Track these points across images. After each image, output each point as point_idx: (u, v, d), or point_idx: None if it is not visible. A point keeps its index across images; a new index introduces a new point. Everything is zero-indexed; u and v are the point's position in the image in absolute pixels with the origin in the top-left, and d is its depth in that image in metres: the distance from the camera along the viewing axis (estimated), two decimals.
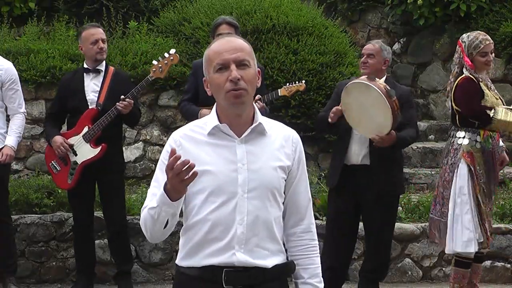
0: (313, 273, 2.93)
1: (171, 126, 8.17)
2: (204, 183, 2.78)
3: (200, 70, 6.19)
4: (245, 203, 2.78)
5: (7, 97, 6.18)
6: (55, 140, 6.06)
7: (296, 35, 8.44)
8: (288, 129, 2.95)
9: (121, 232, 6.26)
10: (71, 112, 6.17)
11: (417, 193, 8.00)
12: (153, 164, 8.09)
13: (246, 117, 2.84)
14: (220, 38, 2.89)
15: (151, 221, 2.76)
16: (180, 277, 2.88)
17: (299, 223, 2.93)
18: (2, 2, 9.50)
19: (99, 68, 6.14)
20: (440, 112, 10.06)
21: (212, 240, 2.78)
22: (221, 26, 5.88)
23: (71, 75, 6.35)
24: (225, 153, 2.81)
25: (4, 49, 8.02)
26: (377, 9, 10.89)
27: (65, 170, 6.10)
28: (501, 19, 9.53)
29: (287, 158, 2.87)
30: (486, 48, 5.62)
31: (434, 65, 10.35)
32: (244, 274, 2.78)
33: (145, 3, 9.66)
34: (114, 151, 6.10)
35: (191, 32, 8.55)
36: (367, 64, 5.63)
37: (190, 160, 2.61)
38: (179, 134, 2.87)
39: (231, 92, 2.76)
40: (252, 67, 2.83)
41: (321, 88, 8.13)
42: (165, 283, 6.82)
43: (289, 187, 2.90)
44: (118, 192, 6.24)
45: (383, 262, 5.75)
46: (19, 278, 6.56)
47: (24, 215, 6.79)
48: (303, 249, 2.93)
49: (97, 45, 6.06)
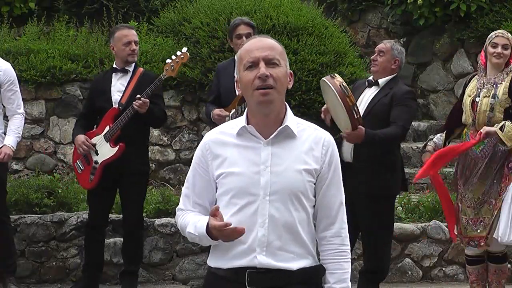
0: (340, 278, 2.91)
1: (171, 126, 8.17)
2: (228, 185, 2.83)
3: (222, 72, 6.27)
4: (267, 206, 2.79)
5: (6, 98, 6.18)
6: (77, 139, 6.08)
7: (296, 35, 8.44)
8: (321, 131, 2.93)
9: (135, 232, 6.24)
10: (98, 112, 6.18)
11: (417, 193, 7.99)
12: (153, 164, 8.09)
13: (274, 118, 2.84)
14: (252, 37, 2.91)
15: (190, 239, 2.94)
16: (209, 277, 2.96)
17: (330, 227, 2.91)
18: (2, 2, 9.50)
19: (127, 68, 6.15)
20: (440, 112, 10.05)
21: (234, 243, 2.80)
22: (240, 27, 5.98)
23: (101, 76, 6.44)
24: (250, 155, 2.83)
25: (4, 49, 8.02)
26: (377, 9, 10.88)
27: (87, 169, 6.11)
28: (501, 19, 9.52)
29: (315, 162, 2.86)
30: (496, 39, 5.60)
31: (434, 65, 10.34)
32: (267, 275, 2.79)
33: (145, 3, 9.65)
34: (134, 152, 6.03)
35: (191, 32, 8.55)
36: (376, 62, 5.65)
37: (219, 160, 2.80)
38: (209, 137, 2.93)
39: (258, 90, 2.77)
40: (283, 66, 2.83)
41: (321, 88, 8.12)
42: (165, 283, 6.83)
43: (319, 191, 2.89)
44: (137, 194, 6.16)
45: (382, 262, 5.72)
46: (19, 278, 6.56)
47: (24, 215, 6.80)
48: (332, 253, 2.91)
49: (129, 46, 6.07)
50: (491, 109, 5.53)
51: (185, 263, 6.86)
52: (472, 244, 5.64)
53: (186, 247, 6.84)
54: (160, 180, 8.16)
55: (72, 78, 8.12)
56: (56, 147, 8.17)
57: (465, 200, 5.66)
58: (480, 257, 5.79)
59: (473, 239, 5.63)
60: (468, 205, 5.66)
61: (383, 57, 5.65)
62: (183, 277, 6.85)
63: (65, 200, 6.98)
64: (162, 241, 6.84)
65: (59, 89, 8.13)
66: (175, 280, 6.85)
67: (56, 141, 8.17)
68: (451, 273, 7.02)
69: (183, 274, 6.86)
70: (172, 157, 8.25)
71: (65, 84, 8.14)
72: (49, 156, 8.13)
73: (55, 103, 8.18)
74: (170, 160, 8.25)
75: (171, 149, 8.26)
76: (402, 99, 5.54)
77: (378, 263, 5.70)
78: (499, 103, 5.52)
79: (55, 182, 7.15)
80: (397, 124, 5.42)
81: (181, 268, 6.86)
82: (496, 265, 5.77)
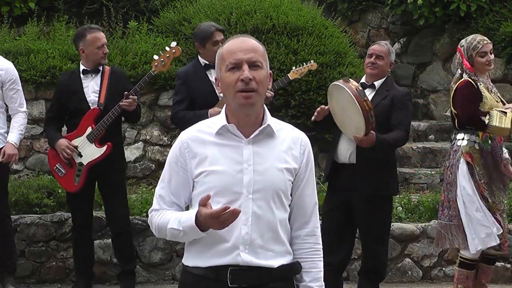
0: (315, 277, 2.93)
1: (171, 126, 8.16)
2: (210, 183, 2.80)
3: (190, 77, 6.22)
4: (250, 204, 2.79)
5: (8, 97, 6.18)
6: (60, 143, 6.05)
7: (296, 35, 8.44)
8: (298, 131, 2.94)
9: (125, 231, 6.27)
10: (71, 114, 6.17)
11: (417, 193, 8.00)
12: (153, 164, 8.09)
13: (255, 118, 2.85)
14: (234, 37, 2.90)
15: (171, 236, 2.85)
16: (186, 276, 2.93)
17: (304, 226, 2.92)
18: (2, 2, 9.50)
19: (99, 68, 6.15)
20: (440, 112, 10.06)
21: (217, 241, 2.80)
22: (216, 33, 5.94)
23: (67, 77, 6.32)
24: (232, 154, 2.82)
25: (4, 49, 8.02)
26: (377, 9, 10.88)
27: (71, 172, 6.09)
28: (501, 19, 9.53)
29: (294, 161, 2.87)
30: (484, 47, 5.65)
31: (434, 65, 10.34)
32: (249, 273, 2.79)
33: (145, 3, 9.65)
34: (115, 151, 6.09)
35: (191, 32, 8.54)
36: (376, 65, 5.64)
37: (198, 158, 2.76)
38: (186, 135, 2.89)
39: (241, 93, 2.77)
40: (265, 68, 2.84)
41: (321, 88, 8.12)
42: (165, 283, 6.83)
43: (296, 190, 2.90)
44: (120, 191, 6.23)
45: (380, 262, 5.73)
46: (19, 278, 6.56)
47: (24, 215, 6.80)
48: (306, 252, 2.93)
49: (102, 50, 6.08)
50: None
51: None
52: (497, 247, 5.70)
53: None
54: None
55: None
56: None
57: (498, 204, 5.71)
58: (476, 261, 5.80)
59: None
60: (498, 208, 5.73)
61: (383, 60, 5.66)
62: None
63: (65, 200, 6.97)
64: (162, 241, 6.83)
65: None
66: (175, 280, 6.84)
67: None
68: (451, 273, 7.01)
69: None
70: None
71: None
72: None
73: None
74: None
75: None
76: (403, 102, 5.60)
77: (378, 263, 5.72)
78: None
79: (55, 182, 7.14)
80: (401, 128, 5.51)
81: (181, 268, 6.85)
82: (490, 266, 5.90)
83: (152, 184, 7.88)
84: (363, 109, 5.12)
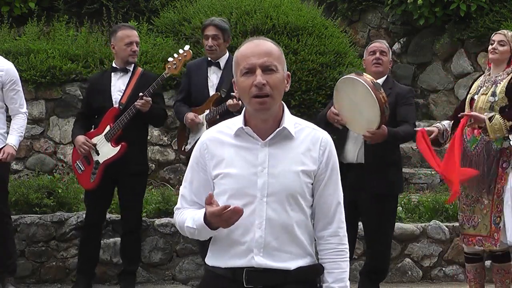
0: (338, 277, 2.90)
1: (171, 126, 8.17)
2: (225, 185, 2.83)
3: (194, 71, 6.30)
4: (264, 207, 2.80)
5: (8, 98, 6.17)
6: (77, 139, 6.08)
7: (296, 35, 8.44)
8: (319, 131, 2.93)
9: (134, 232, 6.25)
10: (97, 112, 6.17)
11: (417, 193, 8.00)
12: (153, 164, 8.09)
13: (272, 121, 2.85)
14: (249, 40, 2.88)
15: (188, 233, 2.92)
16: (207, 274, 2.98)
17: (327, 226, 2.91)
18: (2, 2, 9.50)
19: (128, 68, 6.15)
20: (440, 112, 10.06)
21: (234, 243, 2.83)
22: (208, 28, 6.07)
23: (99, 75, 6.44)
24: (247, 156, 2.83)
25: (4, 49, 8.02)
26: (377, 9, 10.88)
27: (88, 169, 6.11)
28: (501, 19, 9.53)
29: (312, 162, 2.86)
30: (494, 37, 5.70)
31: (434, 65, 10.34)
32: (264, 274, 2.80)
33: (145, 3, 9.66)
34: (134, 153, 6.04)
35: (191, 32, 8.56)
36: (380, 61, 5.64)
37: (215, 160, 2.82)
38: (206, 136, 2.93)
39: (255, 98, 2.77)
40: (280, 72, 2.82)
41: (321, 88, 8.13)
42: (165, 283, 6.83)
43: (316, 191, 2.89)
44: (136, 195, 6.18)
45: (383, 262, 5.74)
46: (19, 278, 6.56)
47: (24, 215, 6.79)
48: (329, 252, 2.91)
49: (131, 47, 6.08)
50: (490, 107, 5.55)
51: (185, 263, 6.86)
52: (478, 244, 5.63)
53: (186, 247, 6.84)
54: (160, 180, 8.16)
55: (72, 78, 8.12)
56: (56, 147, 8.17)
57: (462, 198, 5.70)
58: (477, 255, 5.79)
59: (473, 238, 5.64)
60: (464, 203, 5.71)
61: (386, 56, 5.68)
62: (183, 277, 6.85)
63: (65, 200, 6.97)
64: (162, 241, 6.83)
65: (59, 89, 8.14)
66: (175, 280, 6.84)
67: (56, 141, 8.17)
68: (451, 273, 7.03)
69: (183, 274, 6.85)
70: (172, 157, 8.25)
71: (65, 84, 8.14)
72: (49, 156, 8.14)
73: (55, 103, 8.18)
74: (170, 160, 8.25)
75: (171, 149, 8.26)
76: (407, 98, 5.63)
77: (382, 263, 5.72)
78: (496, 102, 5.54)
79: (55, 182, 7.15)
80: (409, 123, 5.52)
81: (181, 268, 6.86)
82: (499, 264, 5.77)
83: (152, 184, 7.88)
84: (380, 101, 5.10)
